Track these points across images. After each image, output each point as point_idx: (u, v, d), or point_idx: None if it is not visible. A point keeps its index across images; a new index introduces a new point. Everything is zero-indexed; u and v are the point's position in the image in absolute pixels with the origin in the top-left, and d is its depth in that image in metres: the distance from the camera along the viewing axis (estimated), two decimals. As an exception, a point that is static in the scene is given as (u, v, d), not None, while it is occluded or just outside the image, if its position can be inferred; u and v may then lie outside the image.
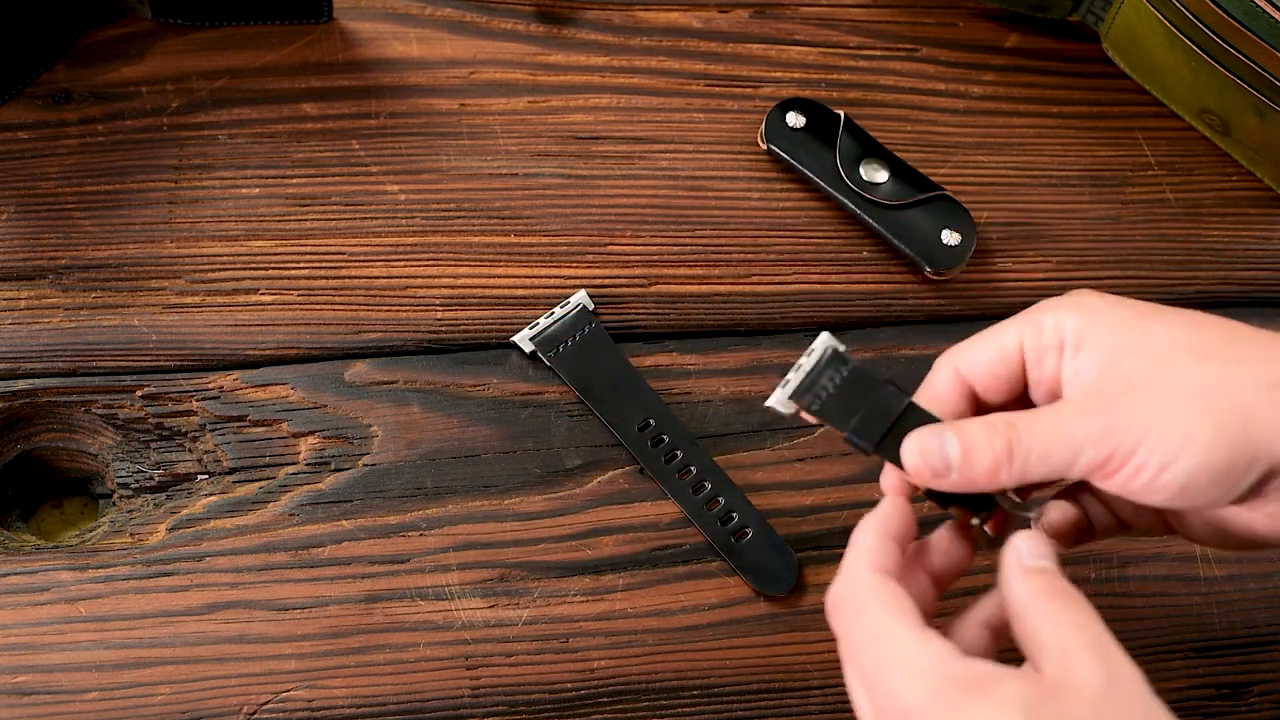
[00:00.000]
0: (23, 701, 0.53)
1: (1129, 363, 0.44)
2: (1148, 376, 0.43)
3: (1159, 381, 0.43)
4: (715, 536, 0.58)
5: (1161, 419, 0.42)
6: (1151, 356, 0.44)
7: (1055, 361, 0.46)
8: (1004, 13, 0.71)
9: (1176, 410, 0.42)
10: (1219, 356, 0.43)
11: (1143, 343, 0.44)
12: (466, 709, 0.55)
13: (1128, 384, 0.43)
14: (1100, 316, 0.45)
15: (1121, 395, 0.43)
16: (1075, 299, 0.47)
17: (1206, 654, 0.59)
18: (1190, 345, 0.44)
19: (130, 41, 0.66)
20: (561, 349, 0.60)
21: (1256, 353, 0.44)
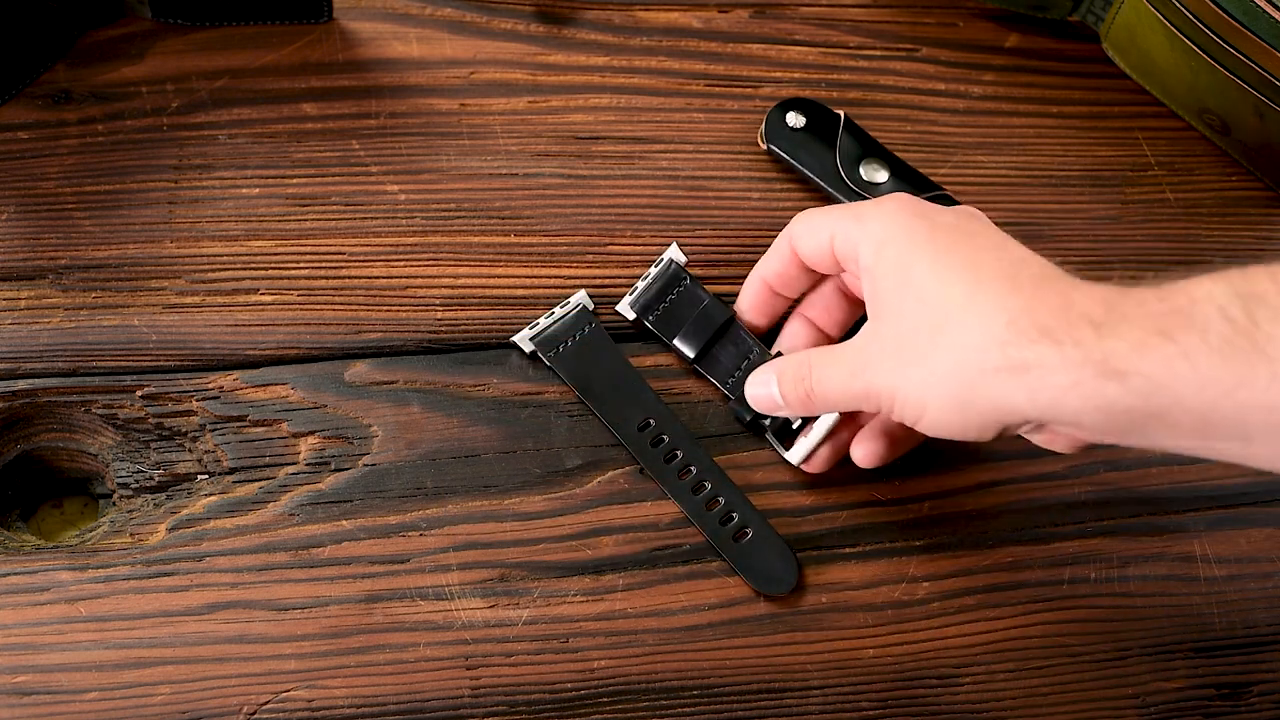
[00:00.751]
0: (23, 701, 0.53)
1: (889, 325, 0.52)
2: (901, 342, 0.51)
3: (908, 349, 0.51)
4: (715, 536, 0.58)
5: (904, 387, 0.51)
6: (910, 320, 0.51)
7: (854, 276, 0.56)
8: (1004, 13, 0.71)
9: (914, 381, 0.51)
10: (955, 333, 0.49)
11: (905, 301, 0.52)
12: (466, 709, 0.55)
13: (884, 347, 0.52)
14: (886, 252, 0.53)
15: (878, 357, 0.52)
16: (876, 215, 0.54)
17: (1206, 654, 0.59)
18: (935, 318, 0.50)
19: (130, 41, 0.66)
20: (561, 349, 0.60)
21: (987, 331, 0.49)
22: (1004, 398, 0.48)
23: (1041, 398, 0.47)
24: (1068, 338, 0.47)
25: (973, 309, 0.49)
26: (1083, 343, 0.46)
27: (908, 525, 0.59)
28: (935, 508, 0.60)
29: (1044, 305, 0.48)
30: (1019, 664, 0.57)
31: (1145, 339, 0.45)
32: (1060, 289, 0.49)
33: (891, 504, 0.60)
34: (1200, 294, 0.45)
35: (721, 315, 0.61)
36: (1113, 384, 0.46)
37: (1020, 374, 0.48)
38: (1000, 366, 0.48)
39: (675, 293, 0.62)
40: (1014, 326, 0.48)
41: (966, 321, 0.49)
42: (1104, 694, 0.57)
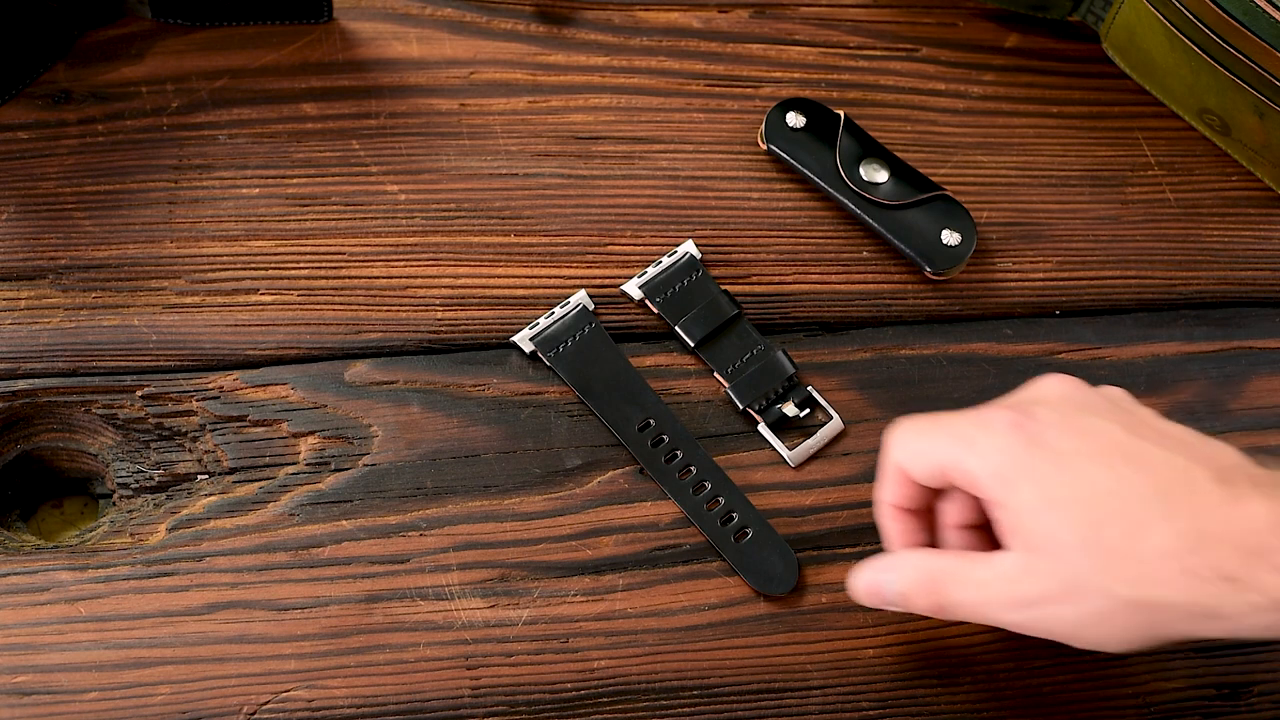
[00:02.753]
0: (23, 701, 0.53)
1: (1043, 561, 0.49)
2: (1060, 580, 0.49)
3: (1070, 588, 0.48)
4: (715, 536, 0.58)
5: (1079, 630, 0.49)
6: (1066, 559, 0.48)
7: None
8: (1004, 13, 0.71)
9: (1089, 625, 0.49)
10: (1119, 574, 0.47)
11: (1052, 538, 0.49)
12: (466, 709, 0.55)
13: (1042, 585, 0.49)
14: (1014, 492, 0.50)
15: (1034, 594, 0.49)
16: (988, 444, 0.50)
17: (1206, 654, 0.58)
18: (1092, 559, 0.48)
19: (130, 41, 0.66)
20: (561, 349, 0.60)
21: (1159, 574, 0.47)
22: (1188, 634, 0.48)
23: (1227, 629, 0.47)
24: (1252, 585, 0.46)
25: (1133, 549, 0.47)
26: (1268, 589, 0.46)
27: (908, 525, 0.59)
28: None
29: (1214, 541, 0.47)
30: (1019, 664, 0.57)
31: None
32: (1221, 517, 0.47)
33: (891, 504, 0.60)
34: None
35: (730, 310, 0.62)
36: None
37: (1204, 620, 0.47)
38: (1180, 604, 0.47)
39: (686, 281, 0.62)
40: (1188, 572, 0.47)
41: (1131, 573, 0.47)
42: (1104, 694, 0.57)
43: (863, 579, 0.54)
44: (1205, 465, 0.48)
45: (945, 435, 0.52)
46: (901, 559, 0.54)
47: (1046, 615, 0.49)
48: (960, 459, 0.51)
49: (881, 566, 0.54)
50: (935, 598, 0.52)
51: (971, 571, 0.51)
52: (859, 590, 0.54)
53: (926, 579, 0.52)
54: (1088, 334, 0.64)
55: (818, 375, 0.62)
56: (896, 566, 0.53)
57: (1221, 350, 0.65)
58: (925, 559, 0.53)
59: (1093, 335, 0.64)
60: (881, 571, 0.54)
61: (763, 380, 0.61)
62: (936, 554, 0.53)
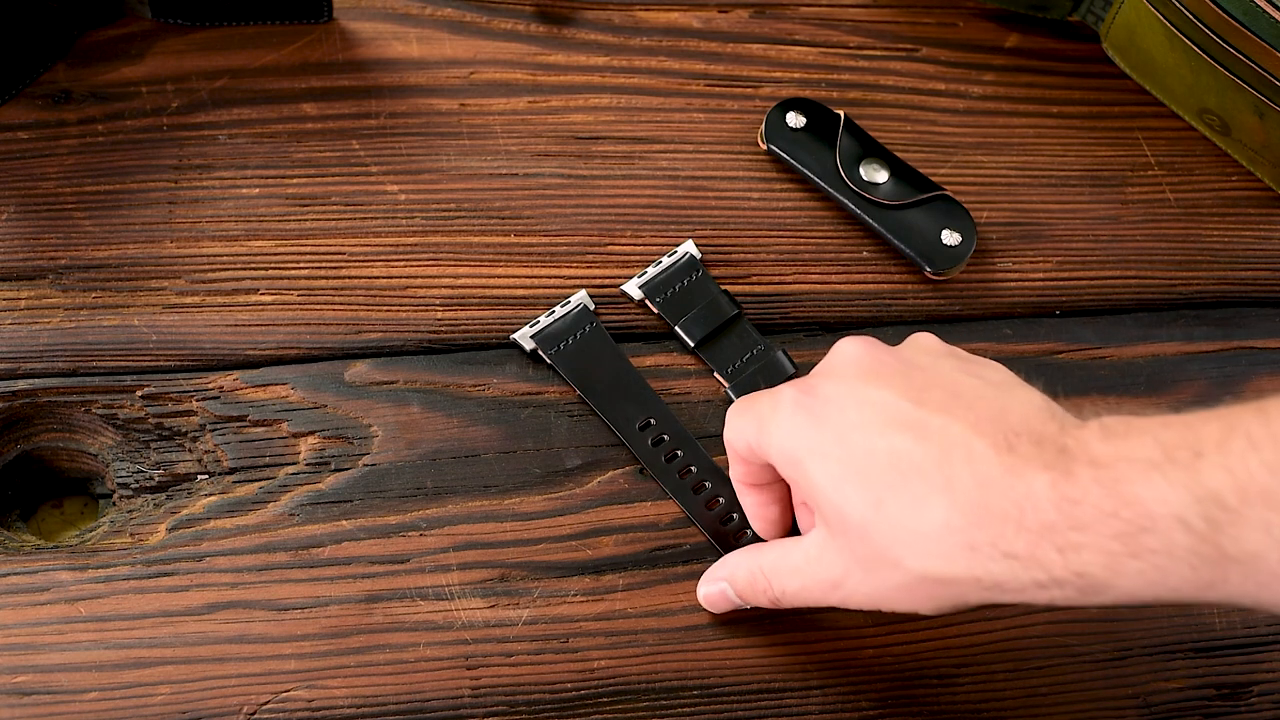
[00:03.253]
0: (23, 701, 0.53)
1: (838, 542, 0.50)
2: (859, 560, 0.49)
3: (868, 567, 0.49)
4: (715, 535, 0.58)
5: (883, 600, 0.49)
6: (859, 542, 0.49)
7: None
8: (1004, 13, 0.71)
9: (890, 596, 0.49)
10: (911, 558, 0.47)
11: (843, 519, 0.49)
12: (466, 709, 0.55)
13: (843, 563, 0.50)
14: (801, 469, 0.50)
15: (842, 574, 0.50)
16: (775, 424, 0.51)
17: (1206, 654, 0.59)
18: (883, 541, 0.48)
19: (130, 41, 0.66)
20: (562, 347, 0.60)
21: (944, 554, 0.47)
22: (986, 601, 0.48)
23: (1014, 599, 0.47)
24: (1034, 563, 0.45)
25: (914, 524, 0.47)
26: (1051, 567, 0.45)
27: (908, 525, 0.59)
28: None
29: (994, 517, 0.46)
30: (1019, 664, 0.57)
31: (1114, 561, 0.44)
32: (1000, 490, 0.46)
33: (891, 504, 0.60)
34: (1159, 507, 0.43)
35: (730, 310, 0.62)
36: (1090, 596, 0.45)
37: (993, 591, 0.47)
38: (964, 579, 0.47)
39: (686, 281, 0.62)
40: (970, 548, 0.46)
41: (917, 547, 0.47)
42: (1104, 694, 0.57)
43: (704, 591, 0.56)
44: (988, 430, 0.47)
45: (749, 415, 0.52)
46: (729, 563, 0.55)
47: (853, 590, 0.50)
48: (758, 439, 0.51)
49: (716, 576, 0.56)
50: (768, 593, 0.53)
51: (788, 559, 0.52)
52: (705, 602, 0.56)
53: (755, 577, 0.54)
54: (1088, 334, 0.64)
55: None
56: (728, 573, 0.55)
57: (1221, 350, 0.65)
58: (748, 557, 0.54)
59: (1093, 335, 0.64)
60: (716, 581, 0.56)
61: (763, 380, 0.61)
62: (758, 549, 0.55)
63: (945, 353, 0.52)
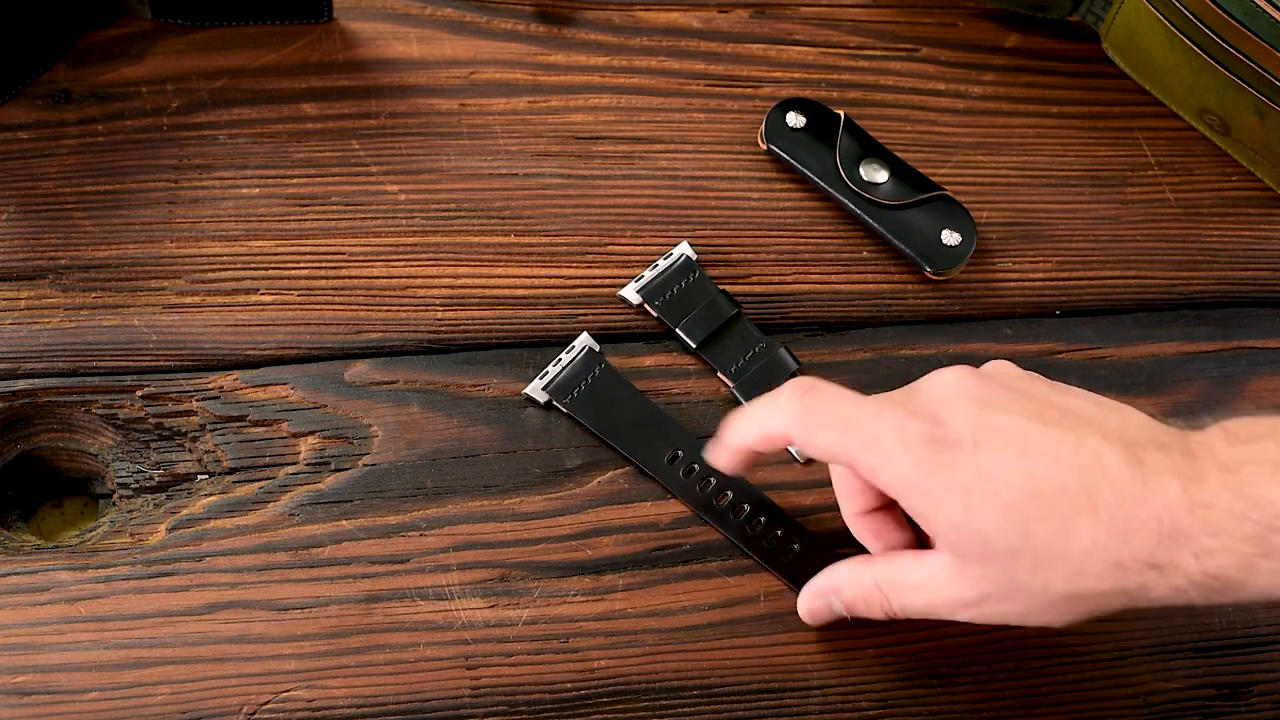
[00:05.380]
0: (23, 701, 0.53)
1: (975, 567, 0.50)
2: (996, 581, 0.49)
3: (1007, 588, 0.49)
4: (765, 556, 0.58)
5: (1020, 617, 0.50)
6: (995, 561, 0.49)
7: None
8: (1004, 13, 0.71)
9: (1030, 614, 0.50)
10: (1056, 573, 0.48)
11: (976, 540, 0.49)
12: (466, 709, 0.55)
13: (979, 586, 0.50)
14: (919, 494, 0.50)
15: (975, 595, 0.50)
16: (886, 452, 0.50)
17: (1206, 654, 0.58)
18: (1022, 560, 0.48)
19: (130, 41, 0.66)
20: (576, 394, 0.60)
21: (1089, 569, 0.48)
22: (1123, 608, 0.49)
23: (1153, 604, 0.48)
24: (1174, 570, 0.47)
25: (1061, 549, 0.48)
26: (1189, 573, 0.47)
27: (908, 525, 0.59)
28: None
29: (1137, 532, 0.47)
30: (1019, 664, 0.57)
31: (1247, 561, 0.46)
32: (1138, 503, 0.47)
33: (891, 504, 0.60)
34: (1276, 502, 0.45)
35: (730, 309, 0.62)
36: (1225, 596, 0.47)
37: (1135, 600, 0.48)
38: (1111, 592, 0.48)
39: (684, 283, 0.62)
40: (1116, 565, 0.47)
41: (1067, 570, 0.48)
42: (1104, 694, 0.57)
43: (807, 605, 0.56)
44: (1114, 443, 0.48)
45: (860, 438, 0.51)
46: (835, 576, 0.55)
47: (991, 612, 0.50)
48: (876, 469, 0.50)
49: (820, 590, 0.55)
50: (885, 607, 0.53)
51: (908, 575, 0.52)
52: (809, 617, 0.56)
53: (869, 592, 0.53)
54: (1088, 334, 0.64)
55: (818, 375, 0.62)
56: (839, 584, 0.54)
57: (1221, 350, 0.65)
58: (858, 570, 0.54)
59: (1093, 335, 0.64)
60: (821, 596, 0.55)
61: (767, 378, 0.61)
62: (868, 561, 0.54)
63: (1031, 376, 0.53)
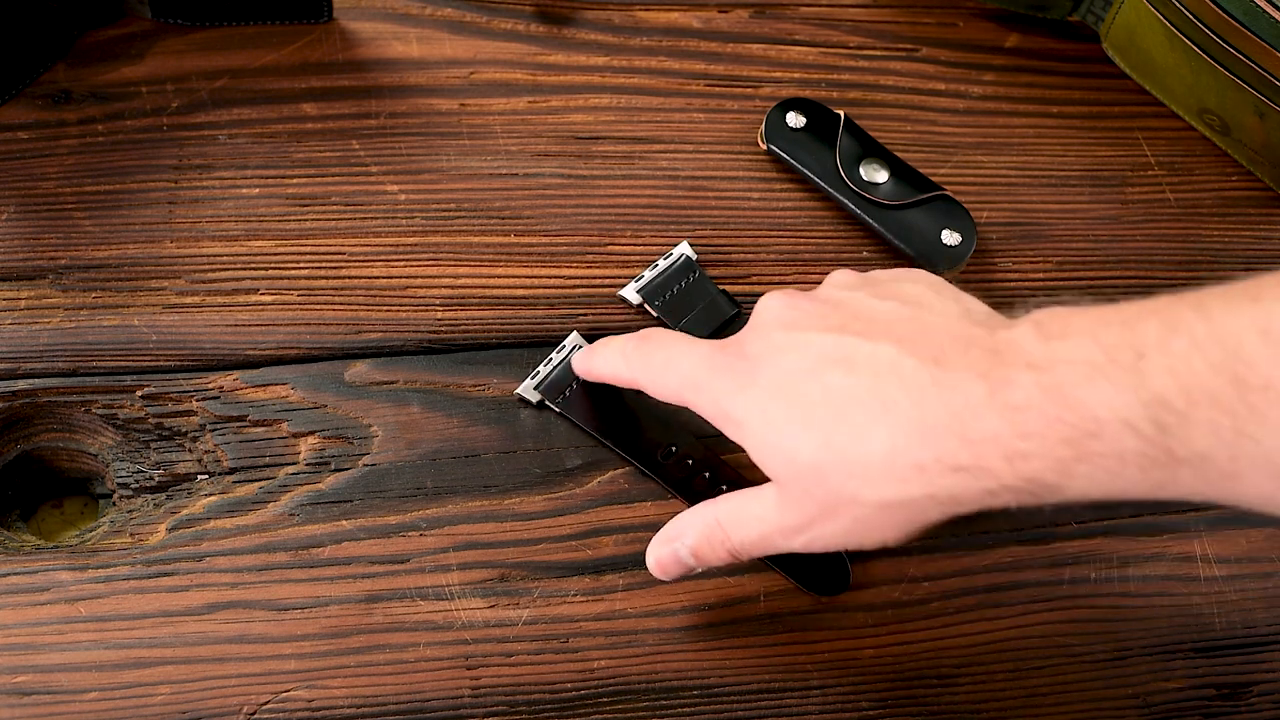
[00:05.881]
0: (23, 701, 0.53)
1: (792, 491, 0.50)
2: (818, 504, 0.49)
3: (830, 509, 0.49)
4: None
5: (848, 538, 0.50)
6: (817, 487, 0.49)
7: None
8: (1004, 13, 0.71)
9: (854, 533, 0.49)
10: (870, 487, 0.48)
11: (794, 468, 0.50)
12: (466, 709, 0.55)
13: (802, 509, 0.50)
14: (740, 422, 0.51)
15: (801, 520, 0.50)
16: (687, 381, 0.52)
17: (1206, 654, 0.59)
18: (840, 478, 0.48)
19: (130, 41, 0.66)
20: (567, 394, 0.60)
21: (900, 476, 0.47)
22: (947, 516, 0.48)
23: (971, 509, 0.47)
24: (983, 473, 0.45)
25: (862, 454, 0.47)
26: (1000, 475, 0.45)
27: (908, 525, 0.59)
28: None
29: (937, 433, 0.46)
30: (1019, 664, 0.57)
31: (1063, 465, 0.44)
32: (937, 404, 0.46)
33: (891, 504, 0.60)
34: (1105, 412, 0.43)
35: (730, 309, 0.62)
36: (1042, 499, 0.46)
37: (951, 506, 0.47)
38: (921, 498, 0.47)
39: (684, 283, 0.62)
40: (919, 468, 0.46)
41: (870, 477, 0.47)
42: (1104, 694, 0.57)
43: (655, 554, 0.55)
44: (913, 349, 0.47)
45: (679, 375, 0.53)
46: (680, 522, 0.54)
47: (818, 535, 0.50)
48: (695, 404, 0.52)
49: (669, 535, 0.55)
50: (726, 544, 0.53)
51: (745, 510, 0.52)
52: (657, 568, 0.55)
53: (711, 530, 0.53)
54: (1088, 334, 0.64)
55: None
56: (682, 529, 0.54)
57: (1221, 350, 0.65)
58: (701, 510, 0.54)
59: (1093, 335, 0.64)
60: (669, 541, 0.54)
61: None
62: (711, 502, 0.54)
63: (859, 283, 0.53)
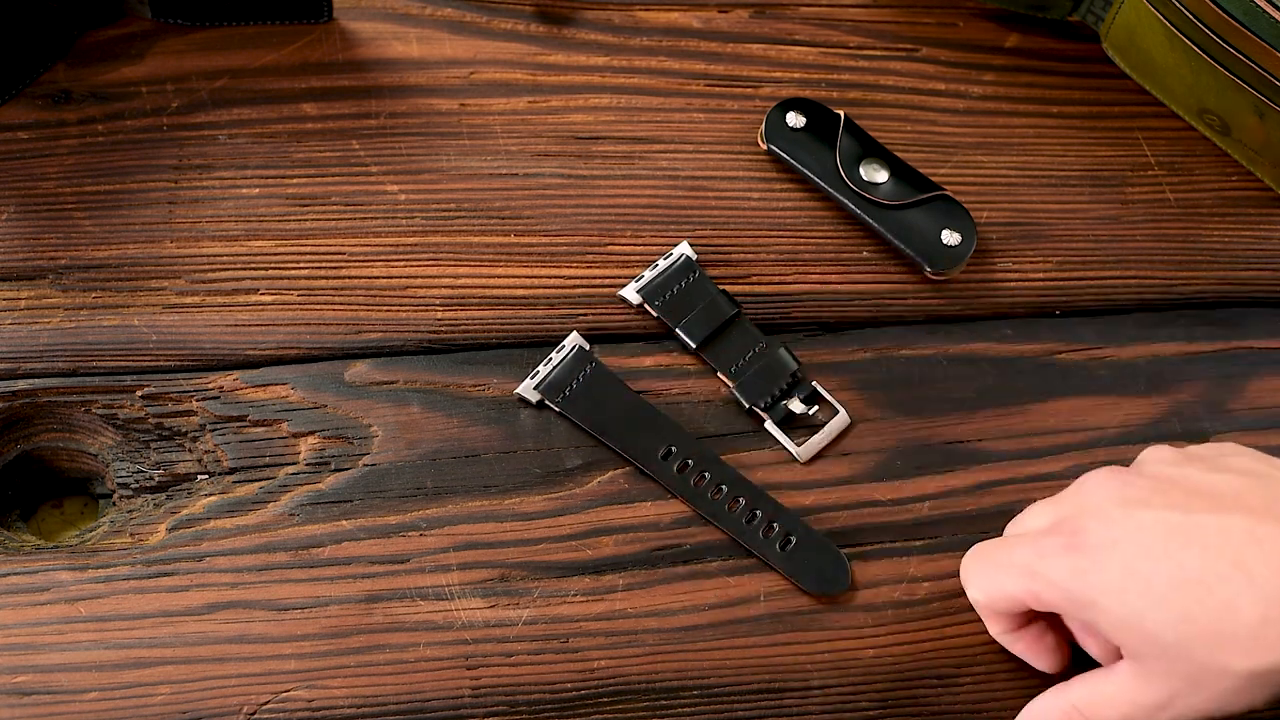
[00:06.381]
0: (23, 701, 0.53)
1: (1160, 671, 0.50)
2: (1185, 683, 0.49)
3: (1194, 689, 0.49)
4: (761, 549, 0.58)
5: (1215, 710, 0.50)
6: (1180, 665, 0.49)
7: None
8: (1004, 13, 0.71)
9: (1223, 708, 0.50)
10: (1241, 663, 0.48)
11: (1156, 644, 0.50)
12: (467, 709, 0.55)
13: (1170, 688, 0.50)
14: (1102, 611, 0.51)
15: (1168, 703, 0.50)
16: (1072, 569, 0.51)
17: (1206, 654, 0.58)
18: (1204, 657, 0.49)
19: (130, 41, 0.66)
20: (567, 393, 0.60)
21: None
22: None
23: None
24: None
25: (1230, 628, 0.48)
26: None
27: (908, 525, 0.59)
28: (935, 508, 0.60)
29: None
30: (1019, 664, 0.57)
31: None
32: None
33: (891, 504, 0.60)
34: None
35: (729, 309, 0.62)
36: None
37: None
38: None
39: (684, 283, 0.62)
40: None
41: (1240, 649, 0.48)
42: (1104, 694, 0.57)
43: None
44: (1265, 517, 0.49)
45: (1012, 573, 0.53)
46: (1036, 710, 0.55)
47: (1183, 708, 0.50)
48: (1035, 594, 0.52)
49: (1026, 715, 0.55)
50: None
51: (1100, 690, 0.53)
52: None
53: (1070, 716, 0.53)
54: (1088, 334, 0.64)
55: (818, 375, 0.62)
56: (1039, 717, 0.55)
57: (1221, 350, 0.65)
58: (1057, 698, 0.54)
59: (1093, 335, 0.64)
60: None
61: (767, 378, 0.61)
62: (1063, 688, 0.54)
63: (1183, 459, 0.54)
